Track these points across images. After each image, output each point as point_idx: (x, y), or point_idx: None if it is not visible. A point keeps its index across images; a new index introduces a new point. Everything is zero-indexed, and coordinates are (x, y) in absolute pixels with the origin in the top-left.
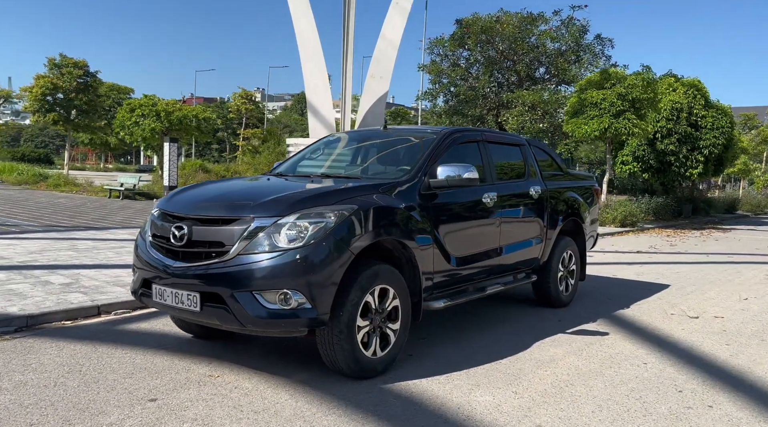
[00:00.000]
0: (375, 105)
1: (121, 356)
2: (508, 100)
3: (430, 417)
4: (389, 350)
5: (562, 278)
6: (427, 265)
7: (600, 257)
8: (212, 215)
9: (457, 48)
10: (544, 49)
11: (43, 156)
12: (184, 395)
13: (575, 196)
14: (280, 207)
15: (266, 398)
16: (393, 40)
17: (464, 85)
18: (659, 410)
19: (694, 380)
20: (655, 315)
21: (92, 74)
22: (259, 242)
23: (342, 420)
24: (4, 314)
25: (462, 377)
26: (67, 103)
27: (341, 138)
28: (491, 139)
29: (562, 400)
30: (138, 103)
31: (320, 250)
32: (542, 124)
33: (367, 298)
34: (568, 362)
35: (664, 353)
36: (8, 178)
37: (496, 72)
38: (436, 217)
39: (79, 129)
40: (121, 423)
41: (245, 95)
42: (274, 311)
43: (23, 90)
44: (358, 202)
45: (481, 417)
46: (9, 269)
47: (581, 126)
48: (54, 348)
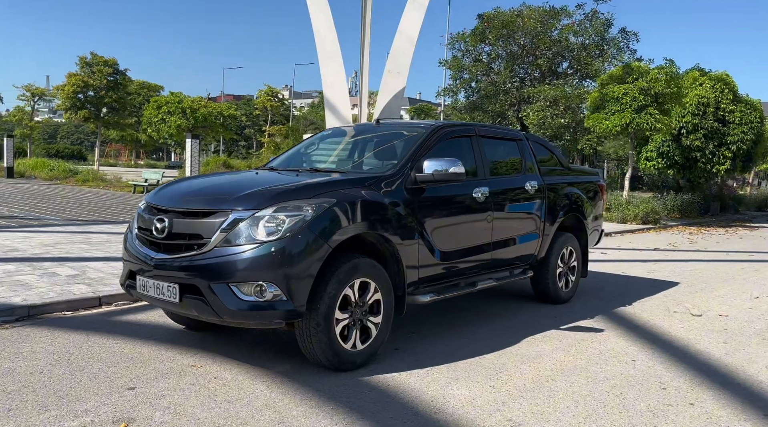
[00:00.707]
0: (392, 101)
1: (111, 345)
2: (529, 95)
3: (400, 409)
4: (370, 344)
5: (561, 274)
6: (411, 259)
7: (614, 254)
8: (192, 207)
9: (479, 43)
10: (567, 43)
11: (77, 152)
12: (162, 385)
13: (576, 192)
14: (257, 200)
15: (242, 389)
16: (410, 35)
17: (485, 81)
18: (637, 406)
19: (681, 377)
20: (657, 313)
21: (121, 72)
22: (236, 235)
23: (312, 411)
24: (7, 304)
25: (442, 371)
26: (97, 100)
27: (335, 133)
28: (485, 134)
29: (539, 395)
30: (164, 100)
31: (296, 243)
32: (564, 120)
33: (346, 291)
34: (554, 357)
35: (656, 351)
36: (40, 174)
37: (518, 67)
38: (423, 211)
39: (109, 126)
40: (96, 410)
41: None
42: (250, 303)
43: (56, 88)
44: (337, 196)
45: (453, 410)
46: (21, 260)
47: (602, 121)
48: (49, 337)
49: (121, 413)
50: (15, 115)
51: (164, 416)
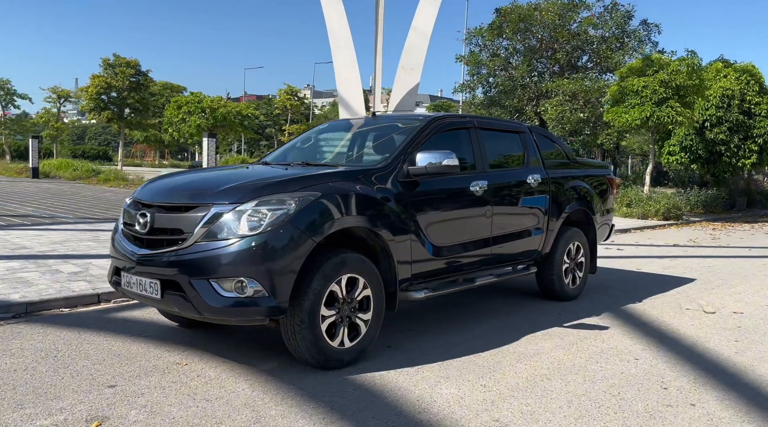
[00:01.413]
0: (406, 97)
1: (100, 342)
2: (548, 89)
3: (383, 409)
4: (359, 341)
5: (567, 270)
6: (403, 254)
7: (631, 250)
8: (174, 202)
9: (496, 38)
10: (586, 36)
11: (102, 153)
12: (144, 382)
13: (583, 186)
14: (239, 194)
15: (224, 387)
16: (424, 30)
17: (503, 76)
18: (634, 407)
19: (685, 377)
20: (667, 310)
21: (144, 73)
22: (216, 230)
23: (291, 410)
24: (4, 301)
25: (433, 369)
26: (120, 101)
27: (331, 127)
28: (485, 126)
29: (531, 394)
30: (185, 100)
31: (278, 237)
32: (583, 114)
33: (333, 287)
34: (552, 356)
35: (662, 349)
36: (64, 174)
37: (536, 61)
38: (417, 205)
39: (132, 126)
40: (72, 408)
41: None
42: (231, 300)
43: (80, 90)
44: (323, 189)
45: (438, 410)
46: (26, 258)
47: (622, 115)
48: (40, 334)
49: (96, 412)
50: (42, 116)
51: (139, 414)
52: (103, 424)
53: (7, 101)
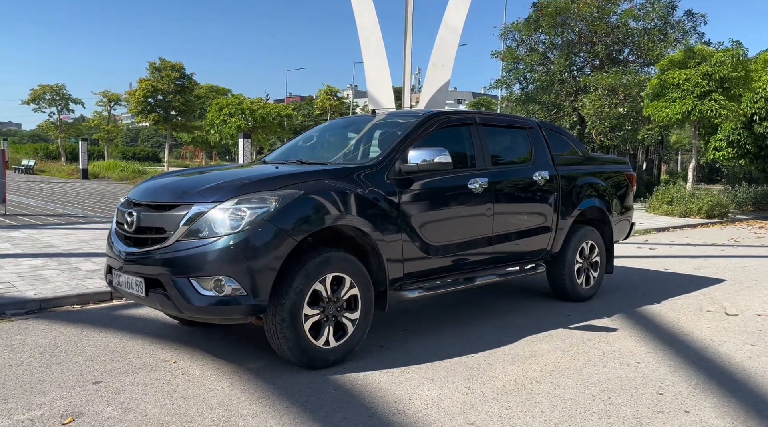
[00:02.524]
0: (437, 94)
1: (99, 339)
2: (586, 84)
3: (358, 410)
4: (346, 341)
5: (580, 270)
6: (393, 253)
7: (665, 249)
8: (158, 200)
9: (533, 32)
10: (626, 28)
11: (152, 154)
12: (128, 379)
13: (597, 182)
14: (219, 193)
15: (204, 385)
16: (455, 26)
17: (540, 71)
18: (622, 412)
19: (685, 382)
20: (686, 312)
21: (188, 76)
22: (197, 228)
23: (264, 410)
24: (20, 298)
25: (420, 370)
26: (165, 104)
27: (333, 125)
28: (488, 123)
29: (515, 398)
30: (226, 102)
31: (257, 236)
32: (622, 109)
33: (317, 286)
34: (549, 358)
35: (668, 353)
36: (112, 175)
37: (574, 55)
38: (411, 203)
39: (177, 128)
40: (51, 404)
41: (330, 91)
42: (210, 298)
43: (129, 93)
44: (305, 188)
45: (413, 412)
46: (51, 256)
47: (662, 109)
48: (45, 330)
49: (73, 408)
50: (94, 120)
51: (114, 411)
52: (77, 420)
53: (62, 106)
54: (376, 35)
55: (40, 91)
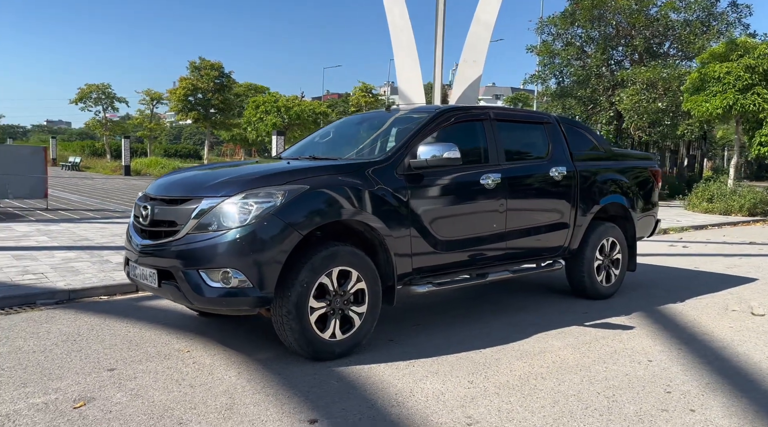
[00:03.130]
0: (468, 90)
1: (119, 328)
2: (623, 78)
3: (357, 401)
4: (353, 334)
5: (600, 267)
6: (402, 248)
7: (698, 248)
8: (171, 195)
9: (569, 26)
10: (666, 20)
11: (193, 152)
12: (141, 367)
13: (618, 178)
14: (228, 187)
15: (213, 374)
16: (487, 22)
17: (577, 65)
18: (625, 410)
19: (695, 381)
20: (709, 311)
21: (227, 75)
22: (206, 222)
23: (266, 398)
24: (51, 288)
25: (425, 364)
26: (205, 102)
27: (348, 121)
28: (502, 118)
29: (516, 393)
30: (262, 100)
31: (263, 229)
32: (661, 104)
33: (323, 279)
34: (558, 355)
35: (683, 352)
36: (153, 172)
37: (611, 49)
38: (420, 199)
39: (216, 126)
40: (66, 388)
41: (365, 89)
42: (218, 290)
43: (170, 92)
44: (312, 183)
45: (412, 404)
46: (84, 248)
47: (702, 104)
48: (70, 319)
49: (86, 393)
50: (137, 118)
51: (124, 397)
52: (88, 404)
53: (108, 104)
54: (407, 33)
55: (86, 90)
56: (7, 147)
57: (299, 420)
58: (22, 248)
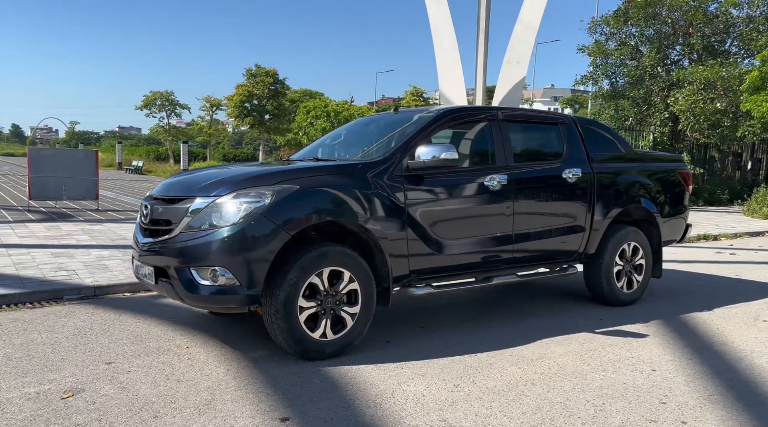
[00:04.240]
0: (511, 92)
1: (130, 324)
2: (679, 78)
3: (334, 401)
4: (345, 334)
5: (621, 273)
6: (398, 249)
7: (747, 255)
8: (169, 195)
9: (622, 25)
10: (726, 17)
11: (250, 156)
12: (138, 361)
13: (642, 181)
14: (220, 187)
15: (203, 370)
16: (531, 22)
17: (630, 66)
18: (610, 420)
19: (697, 393)
20: (736, 320)
21: (281, 81)
22: (197, 221)
23: (247, 395)
24: (78, 284)
25: (415, 367)
26: (260, 108)
27: (357, 123)
28: (512, 118)
29: (501, 398)
30: (312, 105)
31: (250, 229)
32: (720, 104)
33: (313, 279)
34: (557, 361)
35: (693, 361)
36: None
37: (667, 48)
38: (419, 200)
39: (271, 131)
40: (61, 379)
41: (415, 92)
42: (207, 288)
43: (228, 98)
44: (302, 183)
45: (390, 406)
46: (119, 247)
47: (762, 103)
48: (87, 314)
49: (78, 384)
50: (197, 124)
51: (111, 389)
52: (76, 395)
53: (171, 111)
54: (448, 34)
55: (151, 97)
56: (62, 151)
57: (271, 418)
58: (62, 246)
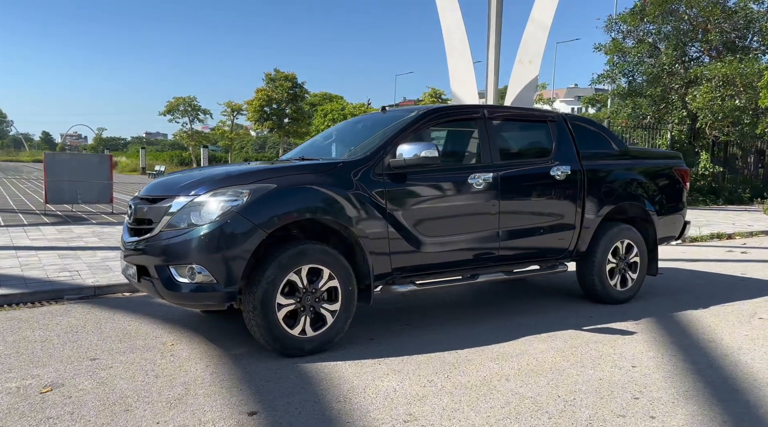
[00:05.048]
0: (523, 91)
1: (121, 322)
2: (697, 75)
3: (305, 396)
4: (324, 331)
5: (614, 271)
6: (379, 247)
7: (758, 254)
8: (152, 194)
9: (639, 22)
10: (746, 12)
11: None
12: (122, 358)
13: (636, 178)
14: (199, 186)
15: (182, 367)
16: (543, 21)
17: (648, 63)
18: (578, 415)
19: (673, 388)
20: (731, 318)
21: (300, 85)
22: (176, 219)
23: (220, 390)
24: (80, 285)
25: (392, 363)
26: (279, 112)
27: (347, 123)
28: (498, 116)
29: (472, 393)
30: (330, 108)
31: (227, 227)
32: (738, 101)
33: (292, 277)
34: (537, 357)
35: (676, 358)
36: None
37: (684, 45)
38: (402, 198)
39: (289, 135)
40: (44, 375)
41: (434, 94)
42: (185, 285)
43: (247, 103)
44: (279, 182)
45: (360, 400)
46: None
47: None
48: (82, 313)
49: (59, 379)
50: (219, 128)
51: (90, 384)
52: (54, 390)
53: (194, 116)
54: (459, 35)
55: (174, 103)
56: (77, 155)
57: (240, 412)
58: (70, 248)
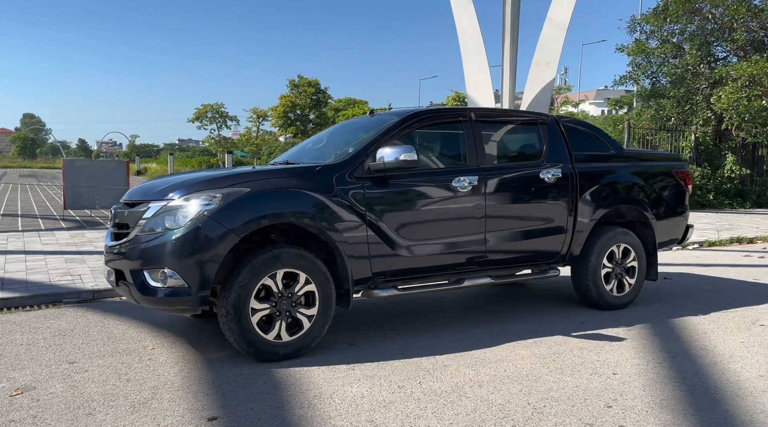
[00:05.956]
0: (540, 93)
1: (109, 326)
2: (721, 75)
3: (270, 402)
4: (300, 336)
5: (610, 275)
6: (358, 251)
7: None
8: (132, 199)
9: (663, 23)
10: None
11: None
12: (100, 361)
13: (632, 181)
14: (173, 191)
15: (155, 371)
16: (561, 22)
17: (672, 64)
18: (544, 423)
19: (649, 397)
20: (729, 325)
21: (323, 91)
22: (151, 224)
23: (186, 395)
24: (78, 288)
25: (365, 369)
26: (302, 118)
27: (337, 127)
28: (486, 119)
29: (440, 400)
30: (351, 113)
31: (199, 231)
32: (765, 102)
33: (266, 281)
34: (516, 364)
35: (663, 365)
36: None
37: (709, 44)
38: (381, 202)
39: None
40: (19, 378)
41: (457, 97)
42: (158, 289)
43: (272, 109)
44: (252, 186)
45: (323, 407)
46: None
47: None
48: (75, 316)
49: (32, 382)
50: (245, 134)
51: (61, 388)
52: (25, 393)
53: (221, 123)
54: (475, 37)
55: (202, 110)
56: (94, 162)
57: (200, 417)
58: (78, 253)
